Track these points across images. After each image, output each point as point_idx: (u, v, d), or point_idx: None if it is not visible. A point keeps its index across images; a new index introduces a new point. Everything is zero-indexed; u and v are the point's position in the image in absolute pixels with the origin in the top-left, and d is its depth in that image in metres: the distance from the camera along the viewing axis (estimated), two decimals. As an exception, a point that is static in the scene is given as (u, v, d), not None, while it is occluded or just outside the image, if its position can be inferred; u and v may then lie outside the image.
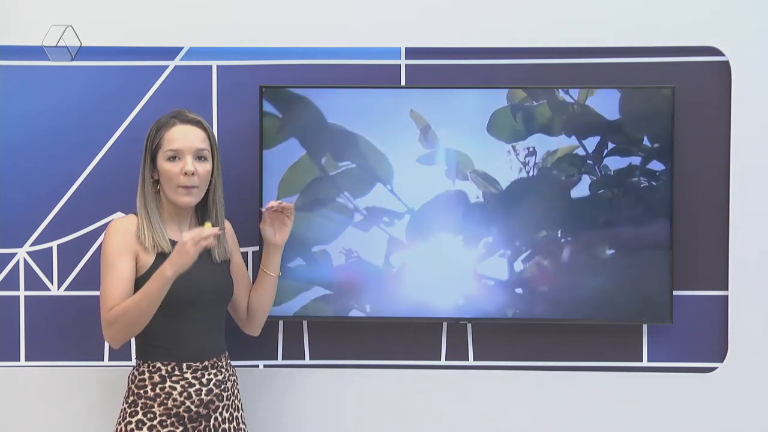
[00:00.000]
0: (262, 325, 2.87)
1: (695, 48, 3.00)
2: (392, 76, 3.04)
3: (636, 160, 2.92)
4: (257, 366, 3.07)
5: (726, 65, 2.99)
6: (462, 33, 3.03)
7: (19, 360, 3.06)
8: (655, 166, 2.92)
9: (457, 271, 2.95)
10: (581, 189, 2.93)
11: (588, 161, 2.93)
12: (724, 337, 3.03)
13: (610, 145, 2.92)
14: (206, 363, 2.64)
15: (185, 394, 2.59)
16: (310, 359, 3.09)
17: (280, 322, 3.07)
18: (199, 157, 2.62)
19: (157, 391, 2.58)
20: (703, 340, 3.04)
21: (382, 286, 2.97)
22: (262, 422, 3.03)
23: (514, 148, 2.93)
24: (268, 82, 3.00)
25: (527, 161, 2.94)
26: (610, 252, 2.94)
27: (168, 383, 2.59)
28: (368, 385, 3.08)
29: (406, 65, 3.04)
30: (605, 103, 2.93)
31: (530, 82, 2.99)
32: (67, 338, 3.05)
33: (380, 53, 3.04)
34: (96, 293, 3.03)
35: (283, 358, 3.09)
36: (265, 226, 2.76)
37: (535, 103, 2.93)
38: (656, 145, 2.92)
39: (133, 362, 3.01)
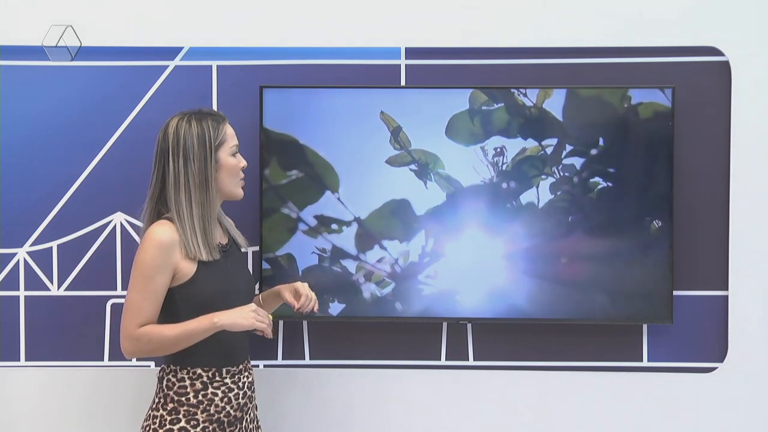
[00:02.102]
0: None
1: (695, 48, 3.00)
2: (392, 76, 3.04)
3: (580, 161, 2.93)
4: (257, 366, 3.07)
5: (726, 65, 2.99)
6: (462, 33, 3.03)
7: (19, 360, 3.06)
8: (607, 167, 2.93)
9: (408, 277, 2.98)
10: (544, 191, 2.95)
11: (548, 163, 2.94)
12: (724, 337, 3.03)
13: (568, 147, 2.93)
14: (240, 366, 2.62)
15: (226, 399, 2.57)
16: (310, 359, 3.09)
17: (280, 322, 3.07)
18: None
19: (200, 398, 2.54)
20: (703, 340, 3.04)
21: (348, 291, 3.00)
22: (262, 422, 3.03)
23: (483, 149, 2.94)
24: (268, 82, 3.00)
25: (496, 161, 2.94)
26: (610, 252, 2.95)
27: (210, 389, 2.55)
28: (368, 385, 3.08)
29: (406, 65, 3.04)
30: (560, 106, 2.93)
31: (530, 82, 2.99)
32: (67, 338, 3.05)
33: (380, 53, 3.04)
34: (96, 293, 3.04)
35: (283, 358, 3.09)
36: (289, 299, 2.68)
37: (495, 106, 2.94)
38: (606, 147, 2.93)
39: (134, 362, 3.02)
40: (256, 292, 2.84)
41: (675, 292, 2.98)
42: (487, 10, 3.03)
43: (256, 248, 3.02)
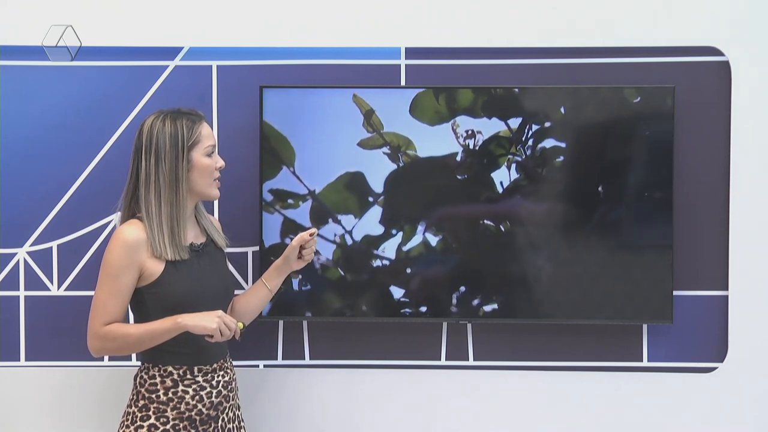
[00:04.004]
0: None
1: (695, 48, 3.00)
2: (392, 76, 3.04)
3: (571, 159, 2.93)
4: (257, 366, 3.07)
5: (726, 65, 2.99)
6: (462, 33, 3.03)
7: (19, 360, 3.06)
8: (605, 166, 2.94)
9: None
10: (504, 174, 2.94)
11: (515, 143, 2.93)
12: (724, 337, 3.03)
13: (534, 127, 2.92)
14: (215, 365, 2.63)
15: (197, 397, 2.58)
16: (309, 359, 3.09)
17: (280, 322, 3.07)
18: None
19: (170, 395, 2.56)
20: (703, 340, 3.04)
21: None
22: (261, 422, 3.04)
23: (453, 129, 2.93)
24: (268, 82, 3.00)
25: (467, 143, 2.94)
26: (610, 252, 2.95)
27: (180, 387, 2.57)
28: (368, 385, 3.08)
29: (406, 65, 3.04)
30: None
31: (530, 82, 2.99)
32: (67, 338, 3.04)
33: (380, 53, 3.04)
34: (96, 293, 3.04)
35: (283, 358, 3.09)
36: (296, 245, 2.73)
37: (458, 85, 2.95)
38: (604, 146, 2.94)
39: (133, 362, 3.02)
40: (242, 290, 2.84)
41: (675, 292, 2.97)
42: (487, 10, 3.03)
43: (256, 248, 3.02)
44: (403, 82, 3.03)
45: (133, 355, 3.02)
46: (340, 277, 2.97)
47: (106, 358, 3.04)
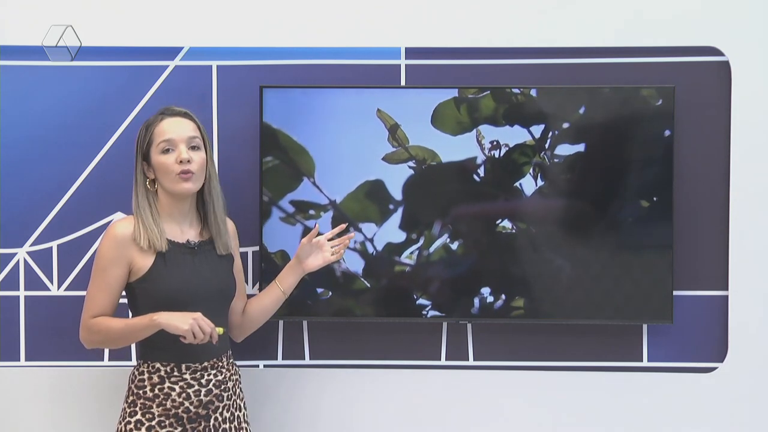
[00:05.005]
0: (248, 334, 2.85)
1: (695, 48, 3.00)
2: (392, 76, 3.04)
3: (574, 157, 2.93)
4: (257, 366, 3.07)
5: (726, 65, 2.99)
6: (462, 33, 3.03)
7: (19, 360, 3.06)
8: (605, 166, 2.94)
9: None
10: (529, 183, 2.94)
11: (537, 150, 2.92)
12: (724, 337, 3.03)
13: (554, 133, 2.92)
14: (206, 364, 2.63)
15: (184, 395, 2.59)
16: (310, 359, 3.09)
17: (280, 322, 3.07)
18: (193, 146, 2.60)
19: (156, 391, 2.58)
20: (703, 340, 3.04)
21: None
22: (261, 422, 3.03)
23: (479, 141, 2.93)
24: (268, 82, 3.00)
25: (492, 154, 2.93)
26: (610, 252, 2.95)
27: (167, 384, 2.58)
28: (368, 385, 3.08)
29: (406, 65, 3.04)
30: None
31: (530, 82, 2.99)
32: (67, 338, 3.04)
33: (380, 53, 3.04)
34: (96, 293, 3.03)
35: (283, 358, 3.09)
36: (308, 243, 2.74)
37: (481, 94, 2.93)
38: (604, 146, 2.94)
39: (133, 361, 3.02)
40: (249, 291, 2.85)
41: (675, 292, 2.97)
42: (488, 10, 3.03)
43: (256, 248, 3.02)
44: (403, 82, 3.03)
45: (133, 355, 3.02)
46: (365, 287, 2.98)
47: (105, 357, 3.04)
